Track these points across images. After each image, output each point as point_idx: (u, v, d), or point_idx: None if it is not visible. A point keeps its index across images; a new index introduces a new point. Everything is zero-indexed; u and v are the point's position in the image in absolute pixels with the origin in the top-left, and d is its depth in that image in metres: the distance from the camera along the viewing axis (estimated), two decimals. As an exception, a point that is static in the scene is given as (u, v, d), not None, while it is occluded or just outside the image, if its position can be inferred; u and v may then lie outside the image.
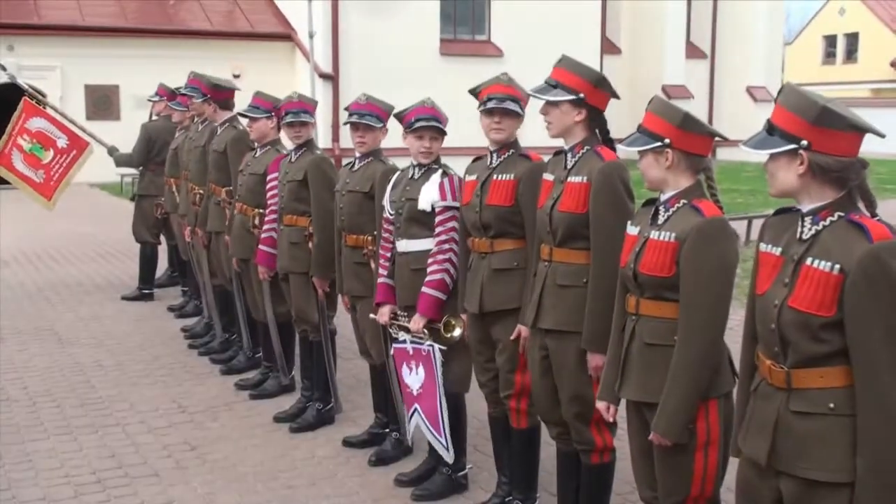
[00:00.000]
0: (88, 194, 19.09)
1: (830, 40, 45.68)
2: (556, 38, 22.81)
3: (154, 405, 5.93)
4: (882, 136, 2.47)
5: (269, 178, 5.69)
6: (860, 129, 2.43)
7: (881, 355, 2.33)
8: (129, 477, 4.80)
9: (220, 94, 6.62)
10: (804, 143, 2.44)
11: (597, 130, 3.68)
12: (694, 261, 2.92)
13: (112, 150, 9.04)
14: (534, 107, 3.73)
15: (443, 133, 4.48)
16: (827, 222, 2.46)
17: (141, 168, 9.01)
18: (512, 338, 3.95)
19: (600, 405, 3.30)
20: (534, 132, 4.17)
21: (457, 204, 4.26)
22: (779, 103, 2.53)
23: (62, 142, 8.65)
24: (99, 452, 5.12)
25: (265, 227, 5.68)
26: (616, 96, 3.67)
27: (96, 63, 19.85)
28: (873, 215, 2.45)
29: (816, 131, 2.42)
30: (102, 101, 21.28)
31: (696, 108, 28.90)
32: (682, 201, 3.04)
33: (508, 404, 4.11)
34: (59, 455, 5.08)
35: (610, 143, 3.69)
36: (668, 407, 2.94)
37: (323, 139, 20.08)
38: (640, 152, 3.08)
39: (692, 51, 29.55)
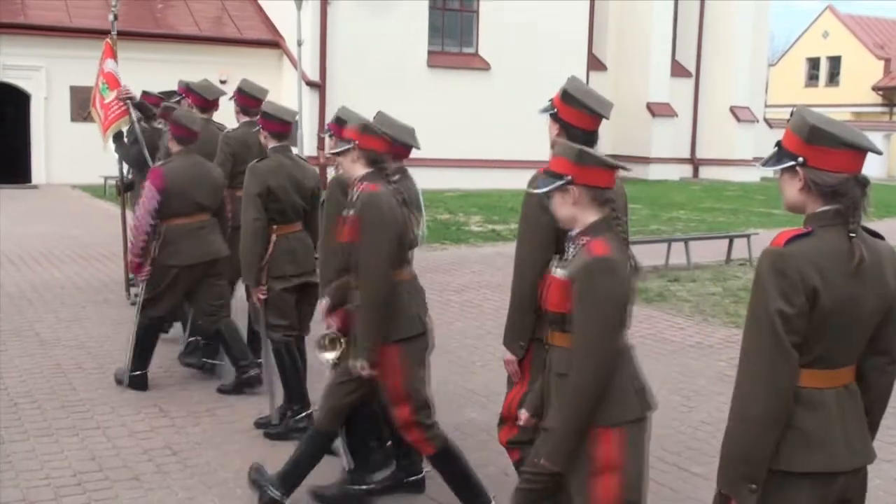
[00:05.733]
0: (70, 196, 19.03)
1: (813, 63, 46.16)
2: (542, 53, 23.00)
3: (135, 409, 5.93)
4: (879, 152, 2.60)
5: None
6: (851, 147, 2.53)
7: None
8: (110, 480, 4.80)
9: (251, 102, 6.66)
10: (800, 159, 2.56)
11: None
12: (578, 298, 3.07)
13: None
14: (528, 120, 3.79)
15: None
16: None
17: (131, 178, 8.85)
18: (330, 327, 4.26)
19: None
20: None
21: None
22: (788, 124, 2.67)
23: (124, 88, 8.78)
24: (79, 455, 5.12)
25: None
26: (590, 111, 3.71)
27: (82, 64, 19.65)
28: (853, 231, 2.54)
29: (811, 149, 2.54)
30: (87, 103, 21.19)
31: (681, 126, 29.18)
32: (585, 239, 3.16)
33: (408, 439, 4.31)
34: (40, 457, 5.07)
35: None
36: (552, 435, 3.14)
37: (308, 147, 20.11)
38: (547, 194, 3.21)
39: (677, 69, 29.79)
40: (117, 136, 8.79)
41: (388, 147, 4.26)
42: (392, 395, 4.21)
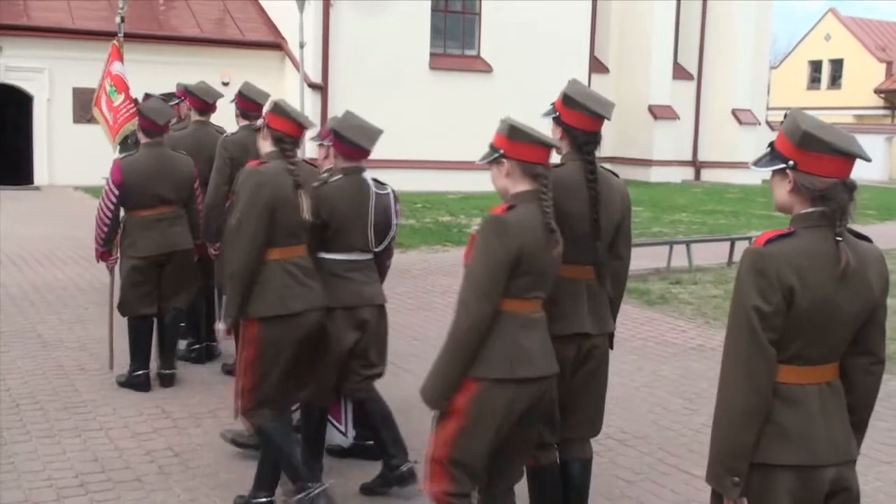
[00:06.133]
0: (72, 197, 19.04)
1: (816, 65, 46.16)
2: (544, 56, 23.00)
3: (138, 410, 5.94)
4: (868, 159, 2.61)
5: None
6: (842, 153, 2.57)
7: None
8: (112, 482, 4.81)
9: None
10: (791, 162, 2.62)
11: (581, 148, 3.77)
12: (472, 251, 3.36)
13: None
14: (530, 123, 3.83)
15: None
16: None
17: None
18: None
19: None
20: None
21: None
22: (781, 126, 2.73)
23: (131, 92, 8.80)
24: (82, 456, 5.13)
25: None
26: (591, 112, 3.73)
27: (85, 66, 19.69)
28: (840, 234, 2.60)
29: (802, 153, 2.59)
30: (90, 104, 21.20)
31: (682, 128, 29.16)
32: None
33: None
34: (42, 458, 5.08)
35: (591, 162, 3.76)
36: (429, 374, 3.40)
37: (310, 149, 20.11)
38: (488, 164, 3.48)
39: (679, 72, 29.79)
40: (122, 138, 8.79)
41: (294, 129, 4.43)
42: (238, 365, 4.42)
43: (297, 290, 4.33)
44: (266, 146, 4.48)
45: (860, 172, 2.62)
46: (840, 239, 2.58)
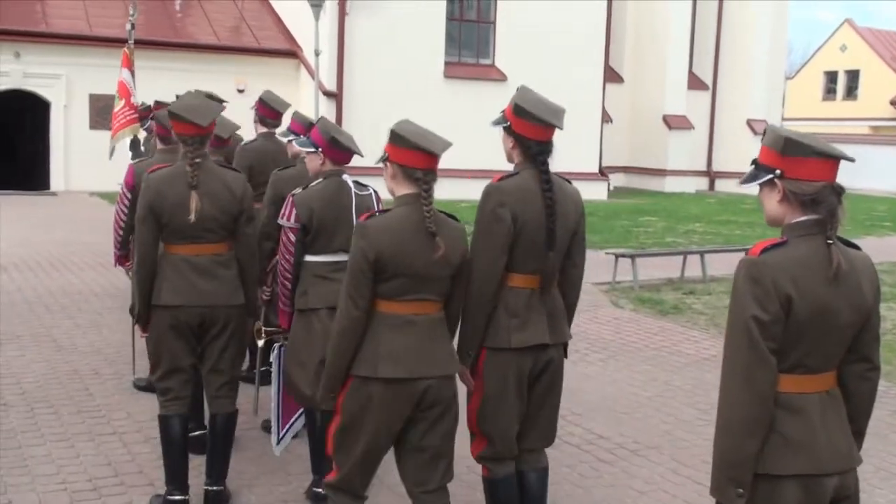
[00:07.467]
0: (88, 203, 19.15)
1: (831, 76, 46.02)
2: (560, 65, 23.01)
3: (151, 415, 5.91)
4: (851, 160, 2.65)
5: None
6: (825, 155, 2.61)
7: None
8: (126, 486, 4.84)
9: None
10: (777, 172, 2.65)
11: (538, 158, 3.69)
12: None
13: None
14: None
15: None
16: None
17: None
18: None
19: None
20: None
21: (282, 222, 4.60)
22: (762, 142, 2.77)
23: (134, 99, 8.92)
24: (95, 460, 5.16)
25: None
26: (543, 122, 3.64)
27: (102, 72, 19.86)
28: (831, 238, 2.62)
29: (787, 160, 2.63)
30: (106, 111, 21.38)
31: (697, 138, 29.11)
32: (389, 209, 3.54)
33: None
34: (56, 461, 5.11)
35: (545, 172, 3.68)
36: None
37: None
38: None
39: (694, 82, 29.76)
40: (133, 143, 8.88)
41: (191, 129, 4.42)
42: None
43: (180, 286, 4.43)
44: (159, 145, 4.57)
45: (875, 184, 2.63)
46: (831, 242, 2.61)
